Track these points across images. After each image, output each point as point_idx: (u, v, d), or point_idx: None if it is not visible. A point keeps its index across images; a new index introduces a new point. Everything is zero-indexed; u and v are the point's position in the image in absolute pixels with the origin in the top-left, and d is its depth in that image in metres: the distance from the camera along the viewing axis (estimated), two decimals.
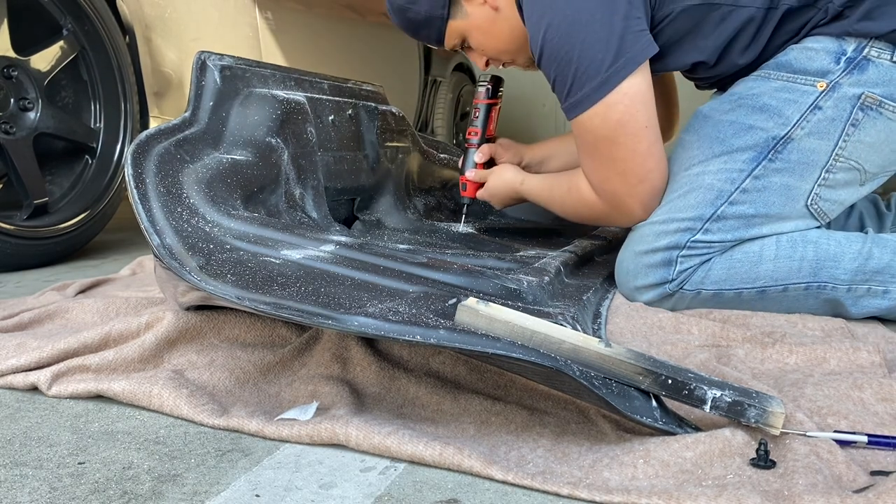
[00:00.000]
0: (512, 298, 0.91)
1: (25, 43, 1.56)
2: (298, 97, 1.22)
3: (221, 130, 1.06)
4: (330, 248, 0.92)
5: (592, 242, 1.41)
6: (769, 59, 1.13)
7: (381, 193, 1.50)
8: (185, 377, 0.82)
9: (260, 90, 1.15)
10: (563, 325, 0.76)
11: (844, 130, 1.07)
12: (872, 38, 1.06)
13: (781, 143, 1.08)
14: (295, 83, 1.27)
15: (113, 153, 1.75)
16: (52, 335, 0.95)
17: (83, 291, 1.28)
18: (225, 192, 0.97)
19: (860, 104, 1.06)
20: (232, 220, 0.92)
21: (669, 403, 0.71)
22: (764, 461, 0.62)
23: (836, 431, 0.68)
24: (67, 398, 0.82)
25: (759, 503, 0.55)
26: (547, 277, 1.02)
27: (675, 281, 1.11)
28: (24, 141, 1.54)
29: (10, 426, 0.75)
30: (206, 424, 0.74)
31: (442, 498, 0.60)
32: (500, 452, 0.67)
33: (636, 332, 1.02)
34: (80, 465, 0.66)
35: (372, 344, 0.90)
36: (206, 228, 0.88)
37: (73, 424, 0.75)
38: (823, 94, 1.07)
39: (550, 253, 1.24)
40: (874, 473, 0.62)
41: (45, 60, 1.59)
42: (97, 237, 1.77)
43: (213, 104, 1.07)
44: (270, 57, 2.24)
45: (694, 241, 1.10)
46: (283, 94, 1.19)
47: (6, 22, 1.50)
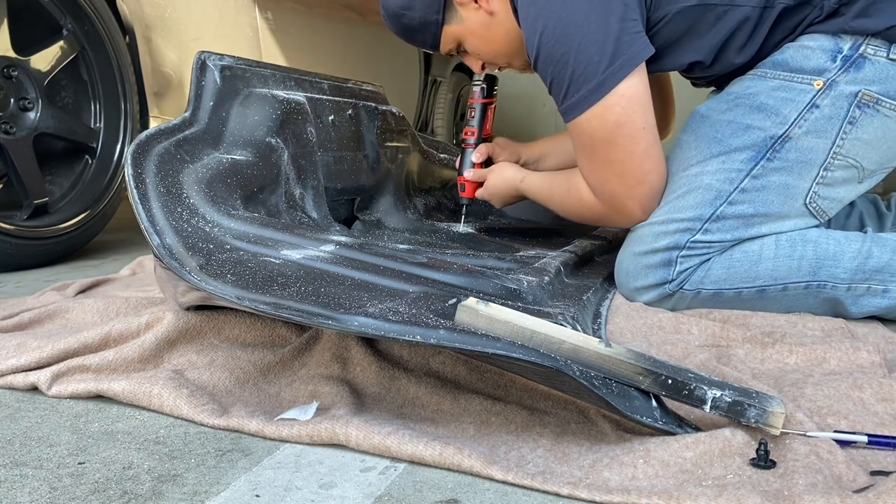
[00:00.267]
0: (512, 298, 0.91)
1: (25, 43, 1.56)
2: (298, 97, 1.22)
3: (221, 130, 1.06)
4: (330, 248, 0.92)
5: (592, 242, 1.41)
6: (765, 57, 1.13)
7: (381, 193, 1.50)
8: (185, 377, 0.82)
9: (260, 90, 1.15)
10: (563, 325, 0.76)
11: (842, 128, 1.07)
12: (868, 35, 1.06)
13: (779, 142, 1.08)
14: (295, 83, 1.27)
15: (113, 153, 1.75)
16: (52, 335, 0.95)
17: (83, 291, 1.28)
18: (225, 192, 0.97)
19: (857, 102, 1.06)
20: (232, 220, 0.92)
21: (669, 403, 0.71)
22: (764, 461, 0.62)
23: (836, 431, 0.68)
24: (67, 398, 0.82)
25: (759, 503, 0.55)
26: (547, 277, 1.02)
27: (674, 281, 1.11)
28: (24, 141, 1.54)
29: (10, 426, 0.75)
30: (206, 424, 0.74)
31: (442, 498, 0.60)
32: (500, 452, 0.67)
33: (636, 332, 1.02)
34: (80, 465, 0.66)
35: (372, 344, 0.90)
36: (206, 228, 0.88)
37: (73, 424, 0.75)
38: (820, 92, 1.07)
39: (550, 253, 1.24)
40: (874, 473, 0.62)
41: (45, 60, 1.59)
42: (97, 237, 1.77)
43: (213, 104, 1.07)
44: (270, 57, 2.24)
45: (693, 241, 1.10)
46: (283, 94, 1.19)
47: (6, 22, 1.50)
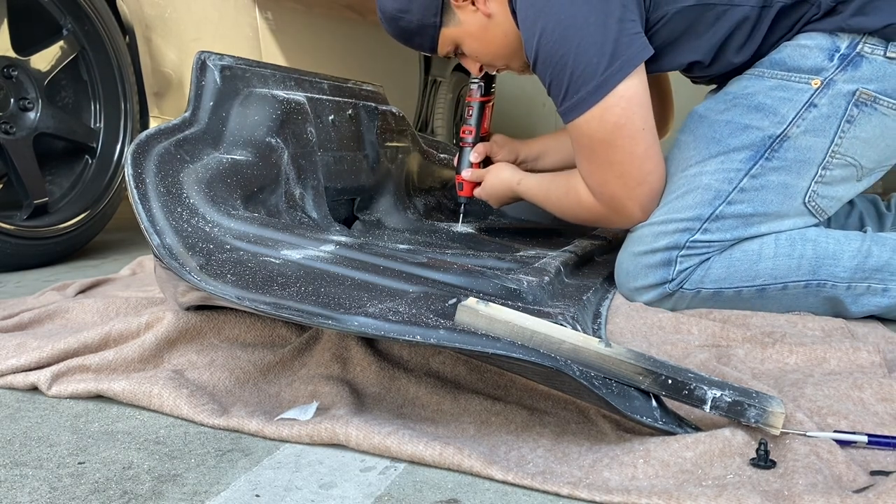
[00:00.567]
0: (512, 298, 0.91)
1: (25, 43, 1.56)
2: (298, 97, 1.22)
3: (221, 130, 1.06)
4: (330, 248, 0.92)
5: (592, 242, 1.41)
6: (764, 56, 1.13)
7: (381, 193, 1.50)
8: (185, 377, 0.82)
9: (260, 90, 1.15)
10: (563, 325, 0.76)
11: (840, 127, 1.07)
12: (866, 33, 1.06)
13: (778, 141, 1.08)
14: (295, 83, 1.27)
15: (113, 153, 1.75)
16: (52, 335, 0.95)
17: (83, 291, 1.28)
18: (225, 192, 0.97)
19: (855, 100, 1.06)
20: (232, 220, 0.92)
21: (669, 403, 0.71)
22: (764, 461, 0.62)
23: (836, 431, 0.68)
24: (67, 398, 0.82)
25: (759, 503, 0.55)
26: (547, 277, 1.02)
27: (674, 281, 1.12)
28: (24, 141, 1.54)
29: (10, 426, 0.75)
30: (206, 424, 0.74)
31: (442, 498, 0.61)
32: (500, 452, 0.67)
33: (636, 332, 1.02)
34: (80, 465, 0.66)
35: (372, 344, 0.90)
36: (206, 228, 0.88)
37: (73, 424, 0.75)
38: (818, 91, 1.07)
39: (550, 253, 1.24)
40: (874, 473, 0.63)
41: (45, 60, 1.59)
42: (97, 237, 1.77)
43: (213, 104, 1.07)
44: (270, 57, 2.24)
45: (693, 241, 1.10)
46: (283, 94, 1.19)
47: (6, 22, 1.50)
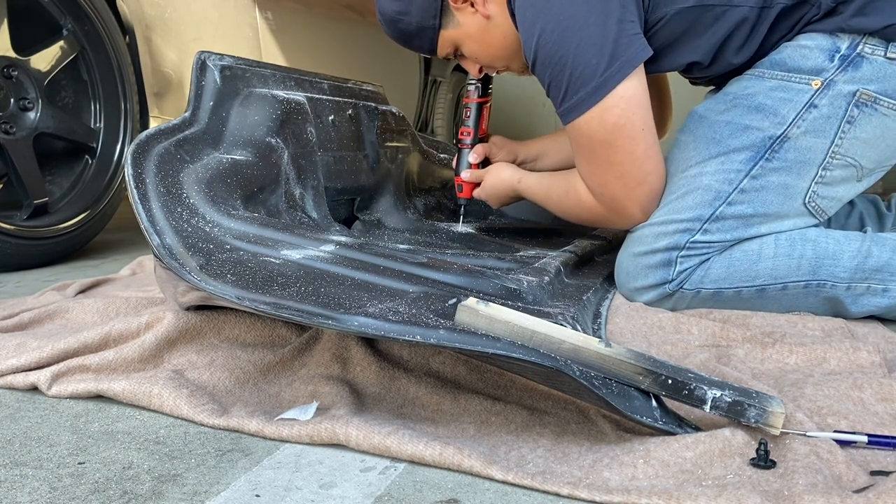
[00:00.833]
0: (512, 298, 0.91)
1: (25, 43, 1.56)
2: (298, 97, 1.22)
3: (221, 130, 1.06)
4: (330, 248, 0.92)
5: (592, 242, 1.41)
6: (764, 57, 1.13)
7: (381, 193, 1.50)
8: (185, 377, 0.82)
9: (260, 90, 1.15)
10: (563, 325, 0.76)
11: (840, 128, 1.07)
12: (866, 34, 1.06)
13: (778, 142, 1.08)
14: (295, 83, 1.27)
15: (113, 153, 1.75)
16: (52, 335, 0.95)
17: (83, 291, 1.28)
18: (225, 192, 0.97)
19: (855, 101, 1.06)
20: (232, 220, 0.92)
21: (669, 403, 0.71)
22: (764, 461, 0.62)
23: (836, 431, 0.68)
24: (67, 398, 0.82)
25: (759, 503, 0.55)
26: (547, 277, 1.02)
27: (674, 281, 1.12)
28: (24, 141, 1.54)
29: (10, 426, 0.75)
30: (206, 424, 0.74)
31: (442, 498, 0.61)
32: (500, 452, 0.67)
33: (636, 332, 1.02)
34: (80, 465, 0.66)
35: (372, 344, 0.90)
36: (206, 228, 0.88)
37: (73, 424, 0.75)
38: (818, 92, 1.07)
39: (550, 253, 1.24)
40: (874, 473, 0.63)
41: (45, 60, 1.59)
42: (97, 237, 1.77)
43: (213, 104, 1.07)
44: (270, 57, 2.24)
45: (693, 241, 1.10)
46: (283, 94, 1.19)
47: (6, 22, 1.50)
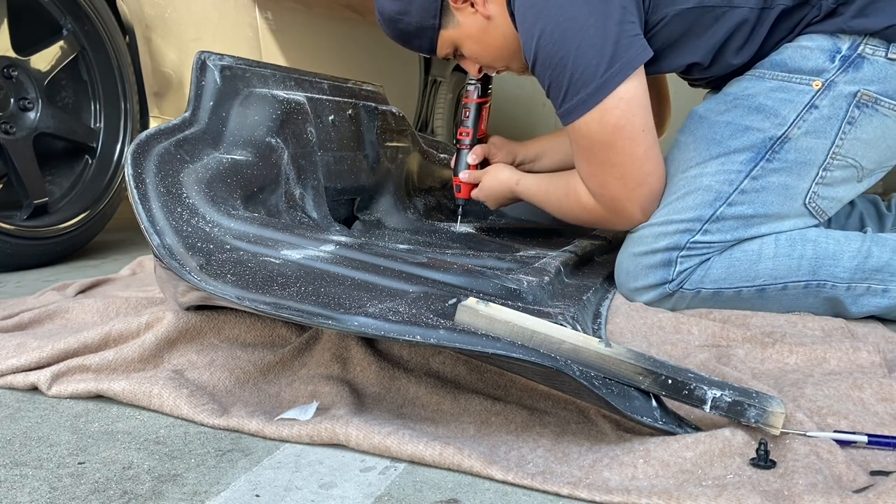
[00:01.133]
0: (512, 298, 0.91)
1: (25, 43, 1.56)
2: (298, 97, 1.22)
3: (221, 130, 1.06)
4: (330, 248, 0.92)
5: (592, 242, 1.41)
6: (764, 58, 1.13)
7: (381, 193, 1.50)
8: (185, 377, 0.82)
9: (260, 90, 1.15)
10: (563, 325, 0.76)
11: (841, 128, 1.07)
12: (867, 34, 1.06)
13: (778, 143, 1.08)
14: (295, 83, 1.27)
15: (113, 153, 1.75)
16: (52, 335, 0.95)
17: (83, 291, 1.28)
18: (225, 192, 0.97)
19: (856, 102, 1.06)
20: (232, 220, 0.92)
21: (669, 403, 0.71)
22: (764, 461, 0.62)
23: (836, 431, 0.68)
24: (67, 398, 0.82)
25: (759, 503, 0.55)
26: (547, 277, 1.02)
27: (674, 281, 1.12)
28: (24, 141, 1.54)
29: (10, 426, 0.75)
30: (206, 424, 0.74)
31: (442, 498, 0.61)
32: (500, 452, 0.67)
33: (636, 332, 1.02)
34: (80, 465, 0.66)
35: (372, 344, 0.90)
36: (206, 228, 0.88)
37: (73, 424, 0.75)
38: (819, 92, 1.07)
39: (550, 253, 1.24)
40: (874, 473, 0.63)
41: (45, 60, 1.59)
42: (97, 237, 1.77)
43: (213, 104, 1.07)
44: (270, 57, 2.24)
45: (693, 241, 1.10)
46: (283, 94, 1.19)
47: (6, 22, 1.50)
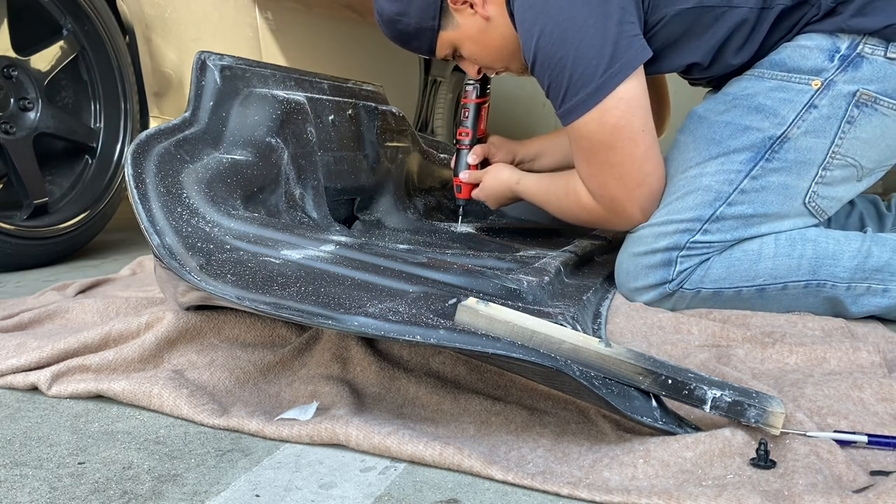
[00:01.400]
0: (512, 298, 0.91)
1: (25, 43, 1.56)
2: (298, 97, 1.22)
3: (221, 130, 1.06)
4: (330, 248, 0.92)
5: (592, 242, 1.41)
6: (763, 58, 1.13)
7: (381, 193, 1.50)
8: (185, 377, 0.82)
9: (260, 90, 1.15)
10: (563, 325, 0.76)
11: (840, 128, 1.07)
12: (866, 34, 1.06)
13: (778, 142, 1.08)
14: (295, 83, 1.27)
15: (113, 153, 1.75)
16: (52, 335, 0.95)
17: (83, 291, 1.28)
18: (225, 192, 0.97)
19: (855, 101, 1.06)
20: (232, 220, 0.92)
21: (669, 403, 0.71)
22: (764, 461, 0.62)
23: (836, 431, 0.68)
24: (67, 398, 0.82)
25: (759, 503, 0.55)
26: (547, 277, 1.02)
27: (674, 281, 1.12)
28: (24, 141, 1.54)
29: (10, 426, 0.75)
30: (206, 424, 0.74)
31: (442, 498, 0.61)
32: (500, 452, 0.67)
33: (636, 332, 1.02)
34: (80, 465, 0.66)
35: (372, 344, 0.90)
36: (206, 228, 0.88)
37: (73, 424, 0.75)
38: (818, 92, 1.07)
39: (550, 253, 1.24)
40: (874, 473, 0.63)
41: (45, 60, 1.59)
42: (97, 237, 1.77)
43: (213, 104, 1.07)
44: (270, 57, 2.24)
45: (693, 241, 1.10)
46: (283, 94, 1.19)
47: (6, 22, 1.50)
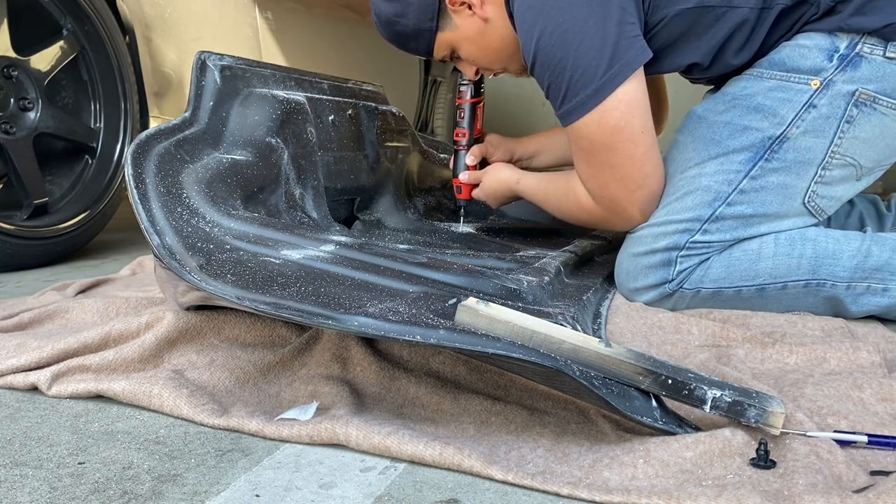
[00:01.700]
0: (512, 298, 0.91)
1: (25, 43, 1.56)
2: (298, 97, 1.22)
3: (221, 130, 1.06)
4: (330, 248, 0.92)
5: (592, 242, 1.41)
6: (763, 57, 1.12)
7: (381, 193, 1.50)
8: (185, 377, 0.82)
9: (260, 90, 1.15)
10: (563, 325, 0.76)
11: (839, 127, 1.07)
12: (865, 33, 1.06)
13: (777, 142, 1.08)
14: (295, 83, 1.27)
15: (113, 153, 1.75)
16: (52, 335, 0.95)
17: (83, 291, 1.28)
18: (225, 192, 0.97)
19: (854, 101, 1.06)
20: (232, 220, 0.92)
21: (669, 403, 0.71)
22: (764, 461, 0.62)
23: (836, 431, 0.68)
24: (67, 398, 0.82)
25: (759, 503, 0.55)
26: (547, 277, 1.02)
27: (674, 281, 1.12)
28: (24, 141, 1.54)
29: (10, 426, 0.75)
30: (206, 424, 0.74)
31: (442, 498, 0.61)
32: (500, 452, 0.67)
33: (636, 332, 1.02)
34: (80, 465, 0.66)
35: (372, 344, 0.90)
36: (206, 228, 0.88)
37: (73, 424, 0.75)
38: (818, 92, 1.07)
39: (550, 253, 1.24)
40: (874, 473, 0.63)
41: (45, 60, 1.59)
42: (97, 237, 1.77)
43: (213, 104, 1.07)
44: (270, 57, 2.24)
45: (693, 241, 1.10)
46: (283, 94, 1.19)
47: (6, 22, 1.50)
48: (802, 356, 0.89)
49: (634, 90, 1.07)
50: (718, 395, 0.66)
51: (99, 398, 0.81)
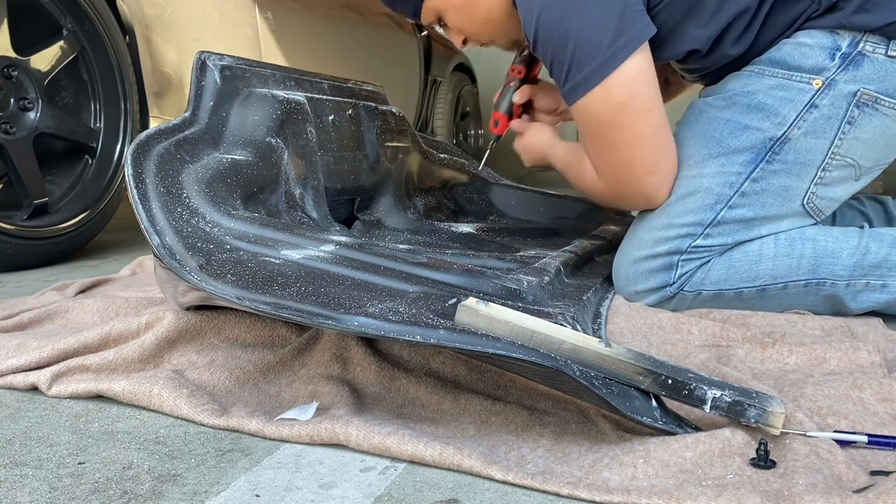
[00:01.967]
0: (512, 298, 0.91)
1: (25, 43, 1.56)
2: (298, 97, 1.22)
3: (221, 130, 1.06)
4: (330, 248, 0.92)
5: (592, 242, 1.41)
6: (759, 51, 1.11)
7: (381, 193, 1.50)
8: (185, 377, 0.82)
9: (260, 90, 1.15)
10: (563, 325, 0.76)
11: (840, 128, 1.06)
12: (867, 31, 1.05)
13: (778, 143, 1.08)
14: (295, 83, 1.27)
15: (113, 153, 1.75)
16: (52, 335, 0.95)
17: (83, 291, 1.28)
18: (225, 192, 0.97)
19: (856, 101, 1.05)
20: (232, 220, 0.92)
21: (669, 403, 0.71)
22: (764, 461, 0.62)
23: (836, 431, 0.68)
24: (67, 398, 0.82)
25: (759, 503, 0.55)
26: (547, 277, 1.02)
27: (675, 284, 1.11)
28: (24, 141, 1.54)
29: (10, 426, 0.75)
30: (206, 424, 0.74)
31: (442, 498, 0.61)
32: (500, 452, 0.67)
33: (636, 332, 1.02)
34: (80, 465, 0.66)
35: (372, 344, 0.90)
36: (206, 228, 0.88)
37: (73, 424, 0.75)
38: (819, 91, 1.06)
39: (550, 253, 1.24)
40: (874, 473, 0.63)
41: (45, 60, 1.59)
42: (97, 237, 1.77)
43: (213, 104, 1.07)
44: (270, 57, 2.24)
45: (695, 245, 1.10)
46: (283, 94, 1.19)
47: (6, 22, 1.50)
48: (802, 356, 0.89)
49: (641, 64, 1.04)
50: (718, 395, 0.66)
51: (99, 398, 0.81)
